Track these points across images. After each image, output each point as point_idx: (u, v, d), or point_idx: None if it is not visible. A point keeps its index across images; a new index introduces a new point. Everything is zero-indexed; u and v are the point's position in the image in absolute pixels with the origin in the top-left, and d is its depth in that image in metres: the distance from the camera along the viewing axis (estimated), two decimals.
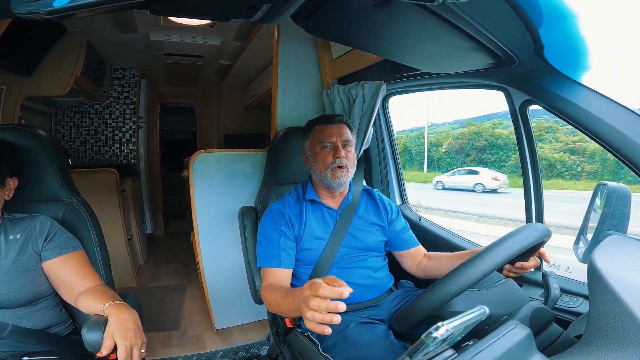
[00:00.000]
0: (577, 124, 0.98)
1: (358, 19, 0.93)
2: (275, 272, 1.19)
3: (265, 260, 1.21)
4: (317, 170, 1.28)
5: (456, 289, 0.76)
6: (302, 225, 1.26)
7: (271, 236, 1.23)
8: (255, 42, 2.82)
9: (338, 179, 1.24)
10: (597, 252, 0.64)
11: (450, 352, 0.55)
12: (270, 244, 1.22)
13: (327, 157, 1.26)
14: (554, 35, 0.91)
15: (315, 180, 1.33)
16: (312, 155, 1.30)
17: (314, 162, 1.29)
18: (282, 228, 1.23)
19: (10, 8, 0.48)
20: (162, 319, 2.35)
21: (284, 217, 1.25)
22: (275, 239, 1.22)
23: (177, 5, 0.77)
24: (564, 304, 1.11)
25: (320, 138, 1.28)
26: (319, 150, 1.28)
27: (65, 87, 2.52)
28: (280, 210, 1.27)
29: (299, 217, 1.27)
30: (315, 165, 1.29)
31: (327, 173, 1.25)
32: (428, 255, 1.33)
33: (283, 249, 1.20)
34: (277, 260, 1.19)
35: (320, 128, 1.29)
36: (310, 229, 1.27)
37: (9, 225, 1.04)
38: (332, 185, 1.26)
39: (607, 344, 0.52)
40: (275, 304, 1.02)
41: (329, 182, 1.26)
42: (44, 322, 1.04)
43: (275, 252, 1.20)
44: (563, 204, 3.58)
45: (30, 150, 1.16)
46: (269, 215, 1.29)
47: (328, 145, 1.27)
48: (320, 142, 1.28)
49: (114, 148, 4.01)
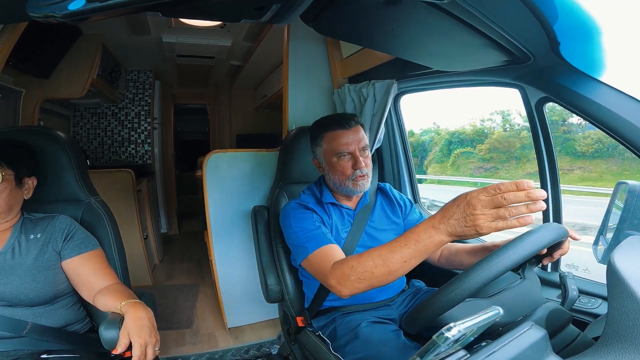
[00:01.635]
0: (596, 121, 0.96)
1: (367, 18, 0.93)
2: (330, 250, 1.02)
3: (312, 244, 1.05)
4: (336, 181, 1.20)
5: (463, 293, 0.74)
6: (329, 223, 1.20)
7: (306, 224, 1.11)
8: (266, 43, 2.84)
9: (360, 187, 1.18)
10: (616, 252, 0.62)
11: (463, 353, 0.54)
12: (308, 231, 1.09)
13: (346, 168, 1.16)
14: (570, 31, 0.89)
15: (333, 188, 1.25)
16: (328, 165, 1.20)
17: (330, 171, 1.20)
18: (315, 217, 1.14)
19: (27, 11, 0.50)
20: (176, 317, 2.39)
21: (310, 209, 1.17)
22: (311, 225, 1.10)
23: (188, 7, 0.78)
24: (581, 305, 1.08)
25: (336, 148, 1.17)
26: (335, 160, 1.17)
27: (82, 89, 2.59)
28: (305, 205, 1.18)
29: (326, 216, 1.21)
30: (333, 175, 1.20)
31: (348, 183, 1.18)
32: (448, 247, 1.24)
33: (324, 232, 1.09)
34: (324, 238, 1.05)
35: (334, 135, 1.18)
36: (336, 229, 1.21)
37: (30, 224, 1.07)
38: (354, 192, 1.20)
39: (625, 345, 0.50)
40: (373, 267, 0.80)
41: (350, 190, 1.19)
42: (63, 320, 1.06)
43: (319, 234, 1.07)
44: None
45: (49, 151, 1.19)
46: (292, 211, 1.18)
47: (346, 156, 1.17)
48: (336, 154, 1.17)
49: (129, 149, 4.10)
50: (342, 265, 0.88)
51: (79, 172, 1.24)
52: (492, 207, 0.63)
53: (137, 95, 4.08)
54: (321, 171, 1.27)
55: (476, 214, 0.63)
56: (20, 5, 0.50)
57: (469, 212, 0.64)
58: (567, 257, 0.98)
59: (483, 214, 0.63)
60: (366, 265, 0.81)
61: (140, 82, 4.08)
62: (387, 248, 0.79)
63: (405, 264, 0.76)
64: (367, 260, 0.81)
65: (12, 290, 0.96)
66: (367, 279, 0.81)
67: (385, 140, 1.92)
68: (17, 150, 1.07)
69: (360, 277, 0.82)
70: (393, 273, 0.78)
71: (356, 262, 0.84)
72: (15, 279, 0.97)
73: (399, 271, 0.78)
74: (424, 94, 1.75)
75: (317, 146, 1.24)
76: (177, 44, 3.01)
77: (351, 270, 0.84)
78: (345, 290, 0.86)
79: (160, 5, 0.66)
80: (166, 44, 3.03)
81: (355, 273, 0.83)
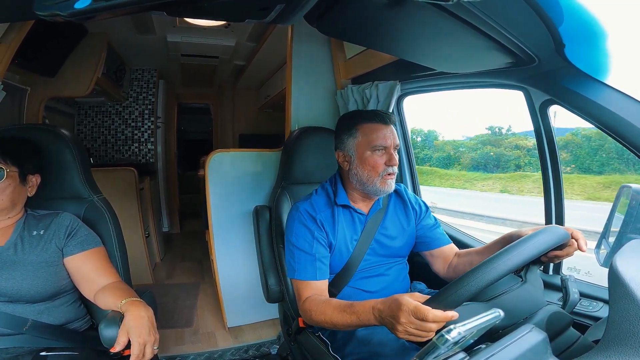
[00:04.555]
0: (600, 124, 0.95)
1: (371, 19, 0.93)
2: (312, 285, 1.11)
3: (299, 272, 1.12)
4: (364, 176, 1.14)
5: (463, 295, 0.74)
6: (336, 234, 1.17)
7: (303, 245, 1.13)
8: (269, 43, 2.84)
9: (388, 186, 1.14)
10: (619, 256, 0.62)
11: (462, 355, 0.54)
12: (303, 254, 1.13)
13: (378, 163, 1.12)
14: (575, 33, 0.89)
15: (354, 184, 1.19)
16: (359, 158, 1.15)
17: (360, 165, 1.15)
18: (316, 235, 1.13)
19: (34, 10, 0.50)
20: (176, 316, 2.39)
21: (316, 222, 1.15)
22: (308, 249, 1.13)
23: (193, 7, 0.79)
24: (583, 308, 1.07)
25: (373, 141, 1.13)
26: (369, 153, 1.13)
27: (87, 88, 2.60)
28: (311, 214, 1.16)
29: (332, 224, 1.18)
30: (362, 169, 1.14)
31: (376, 180, 1.13)
32: (458, 254, 1.22)
33: (318, 259, 1.12)
34: (313, 272, 1.11)
35: (373, 127, 1.13)
36: (343, 235, 1.18)
37: (33, 221, 1.08)
38: (379, 192, 1.16)
39: (625, 349, 0.50)
40: (328, 318, 0.98)
41: (376, 189, 1.14)
42: (63, 317, 1.07)
43: (309, 264, 1.11)
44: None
45: (53, 149, 1.20)
46: (298, 218, 1.17)
47: (381, 150, 1.13)
48: (372, 146, 1.13)
49: (133, 147, 4.12)
50: (310, 304, 1.06)
51: (82, 170, 1.24)
52: (412, 326, 0.73)
53: (141, 95, 4.10)
54: (345, 165, 1.19)
55: (396, 326, 0.75)
56: (27, 4, 0.50)
57: (395, 321, 0.76)
58: (569, 260, 0.98)
59: (403, 327, 0.74)
60: (321, 315, 1.01)
61: (144, 81, 4.10)
62: (339, 309, 0.96)
63: (346, 325, 0.95)
64: (325, 311, 1.00)
65: (14, 286, 0.96)
66: (322, 323, 1.02)
67: None
68: (22, 147, 1.08)
69: (317, 320, 1.02)
70: (338, 327, 0.99)
71: (316, 308, 1.03)
72: (17, 275, 0.97)
73: (342, 328, 0.97)
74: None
75: (350, 137, 1.17)
76: (181, 43, 3.02)
77: (311, 313, 1.04)
78: (308, 321, 1.08)
79: (165, 4, 0.67)
80: (171, 43, 3.05)
81: (315, 315, 1.03)
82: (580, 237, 0.89)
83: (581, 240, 0.88)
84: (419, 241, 1.27)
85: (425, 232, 1.26)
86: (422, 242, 1.27)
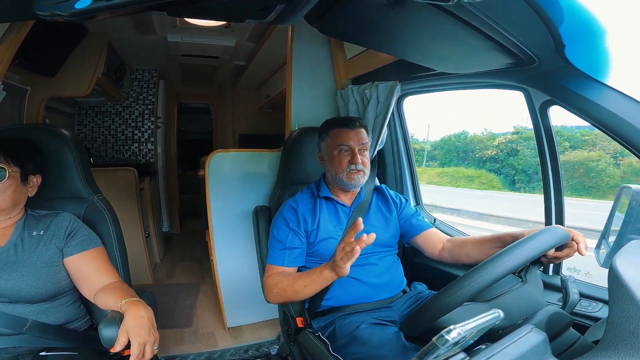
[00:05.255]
0: (601, 125, 0.95)
1: (372, 19, 0.93)
2: (279, 269, 1.23)
3: (270, 257, 1.27)
4: (332, 172, 1.31)
5: (463, 296, 0.74)
6: (316, 221, 1.28)
7: (279, 235, 1.27)
8: (269, 43, 2.84)
9: (354, 180, 1.28)
10: (619, 256, 0.62)
11: (462, 355, 0.54)
12: (275, 242, 1.27)
13: (343, 160, 1.28)
14: (576, 34, 0.89)
15: (330, 180, 1.35)
16: (329, 156, 1.32)
17: (329, 163, 1.32)
18: (292, 226, 1.26)
19: (34, 10, 0.50)
20: (176, 316, 2.39)
21: (296, 214, 1.28)
22: (283, 238, 1.26)
23: (193, 7, 0.79)
24: (582, 308, 1.07)
25: (337, 142, 1.29)
26: (336, 153, 1.30)
27: (87, 88, 2.60)
28: (293, 207, 1.30)
29: (312, 212, 1.30)
30: (331, 167, 1.31)
31: (342, 175, 1.28)
32: (452, 240, 1.28)
33: (288, 247, 1.24)
34: (281, 258, 1.24)
35: (340, 130, 1.30)
36: (325, 224, 1.29)
37: (33, 221, 1.08)
38: (347, 185, 1.29)
39: (625, 349, 0.50)
40: (288, 285, 1.12)
41: (344, 183, 1.29)
42: (63, 317, 1.06)
43: (279, 251, 1.25)
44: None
45: (54, 149, 1.20)
46: (281, 211, 1.31)
47: (345, 149, 1.29)
48: (337, 146, 1.29)
49: (133, 147, 4.12)
50: (270, 278, 1.21)
51: (82, 170, 1.24)
52: (342, 250, 0.92)
53: (142, 95, 4.10)
54: (323, 164, 1.37)
55: (336, 259, 0.94)
56: (27, 4, 0.50)
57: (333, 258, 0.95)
58: (569, 261, 0.98)
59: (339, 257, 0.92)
60: (282, 284, 1.14)
61: (144, 81, 4.09)
62: (297, 276, 1.12)
63: (305, 287, 1.08)
64: (284, 281, 1.15)
65: (14, 287, 0.96)
66: (282, 295, 1.15)
67: (388, 142, 1.92)
68: (23, 147, 1.08)
69: (280, 288, 1.15)
70: (298, 293, 1.10)
71: (279, 280, 1.17)
72: (17, 275, 0.97)
73: (302, 292, 1.09)
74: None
75: (323, 140, 1.36)
76: (181, 43, 3.02)
77: (274, 285, 1.17)
78: (268, 297, 1.21)
79: (166, 4, 0.67)
80: (171, 43, 3.04)
81: (276, 288, 1.16)
82: (581, 240, 0.92)
83: (582, 243, 0.92)
84: (403, 230, 1.38)
85: (407, 220, 1.38)
86: (406, 231, 1.37)
